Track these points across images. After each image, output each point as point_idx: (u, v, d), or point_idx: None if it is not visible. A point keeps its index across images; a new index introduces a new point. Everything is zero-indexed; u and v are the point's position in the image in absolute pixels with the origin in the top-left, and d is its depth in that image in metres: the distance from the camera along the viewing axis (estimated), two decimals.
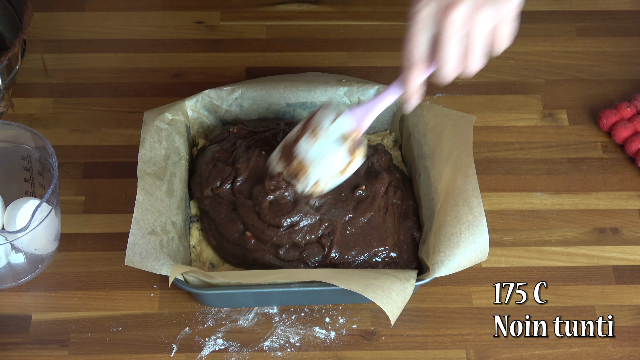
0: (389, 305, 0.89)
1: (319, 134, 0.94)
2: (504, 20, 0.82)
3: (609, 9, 1.28)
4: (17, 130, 0.99)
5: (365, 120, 0.94)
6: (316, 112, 0.96)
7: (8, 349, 0.95)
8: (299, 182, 0.97)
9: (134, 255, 0.93)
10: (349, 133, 0.94)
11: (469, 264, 0.94)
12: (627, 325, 0.98)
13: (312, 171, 0.95)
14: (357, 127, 0.94)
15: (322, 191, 0.97)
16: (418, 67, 0.85)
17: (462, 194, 0.97)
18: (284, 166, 0.97)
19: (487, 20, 0.81)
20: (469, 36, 0.82)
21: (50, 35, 1.22)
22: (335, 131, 0.94)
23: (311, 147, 0.95)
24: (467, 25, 0.81)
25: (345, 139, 0.94)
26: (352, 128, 0.94)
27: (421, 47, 0.84)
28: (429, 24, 0.82)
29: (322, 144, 0.94)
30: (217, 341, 0.96)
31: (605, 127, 1.13)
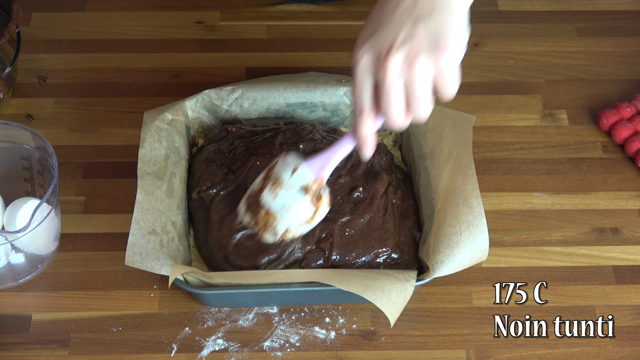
0: (389, 306, 0.89)
1: (281, 186, 0.93)
2: (444, 69, 0.79)
3: (609, 9, 1.28)
4: (17, 130, 0.99)
5: (325, 170, 0.92)
6: (276, 163, 0.95)
7: (8, 349, 0.95)
8: (267, 232, 0.95)
9: (134, 255, 0.93)
10: (309, 184, 0.93)
11: (469, 264, 0.94)
12: (627, 325, 0.98)
13: (280, 221, 0.94)
14: (318, 178, 0.92)
15: (294, 237, 0.95)
16: (367, 116, 0.83)
17: (462, 194, 0.97)
18: (251, 217, 0.95)
19: (424, 69, 0.79)
20: (408, 85, 0.80)
21: (50, 35, 1.22)
22: (296, 183, 0.93)
23: (274, 198, 0.94)
24: (404, 74, 0.79)
25: (307, 190, 0.93)
26: (312, 179, 0.93)
27: (366, 97, 0.82)
28: (369, 73, 0.81)
29: (284, 195, 0.93)
30: (217, 341, 0.96)
31: (605, 127, 1.13)
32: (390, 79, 0.79)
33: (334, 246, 0.97)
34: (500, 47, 1.23)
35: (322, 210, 0.94)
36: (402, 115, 0.81)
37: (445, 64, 0.79)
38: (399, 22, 0.80)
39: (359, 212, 0.99)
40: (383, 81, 0.80)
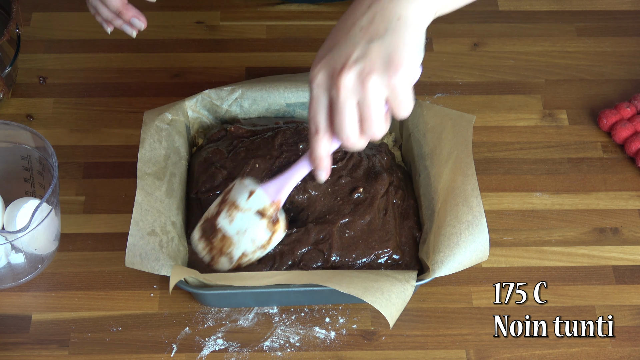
0: (388, 308, 0.89)
1: (237, 210, 0.93)
2: (397, 89, 0.78)
3: (609, 9, 1.28)
4: (17, 130, 0.99)
5: (281, 194, 0.92)
6: (232, 187, 0.95)
7: (8, 349, 0.95)
8: (223, 256, 0.94)
9: (133, 256, 0.93)
10: (266, 208, 0.93)
11: (469, 264, 0.94)
12: (627, 325, 0.98)
13: (236, 246, 0.94)
14: (274, 201, 0.92)
15: (250, 261, 0.95)
16: (321, 136, 0.82)
17: (462, 194, 0.97)
18: (205, 243, 0.95)
19: (377, 87, 0.78)
20: (361, 104, 0.79)
21: (50, 35, 1.22)
22: (252, 206, 0.93)
23: (231, 222, 0.93)
24: (357, 93, 0.78)
25: (263, 214, 0.93)
26: (268, 203, 0.93)
27: (321, 115, 0.81)
28: (323, 90, 0.81)
29: (241, 218, 0.93)
30: (217, 341, 0.96)
31: (605, 127, 1.13)
32: (343, 95, 0.78)
33: (333, 248, 0.97)
34: (500, 47, 1.23)
35: (278, 234, 0.93)
36: (356, 134, 0.81)
37: (398, 83, 0.78)
38: (354, 40, 0.79)
39: (359, 213, 0.99)
40: (336, 98, 0.79)
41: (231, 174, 1.02)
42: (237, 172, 1.01)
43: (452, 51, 1.22)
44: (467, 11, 1.26)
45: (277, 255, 0.96)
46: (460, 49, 1.22)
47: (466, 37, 1.23)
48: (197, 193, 1.01)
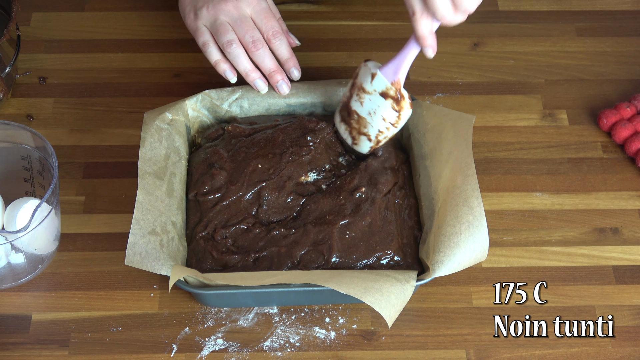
0: (387, 309, 0.89)
1: (365, 93, 1.01)
2: None
3: (609, 9, 1.28)
4: (17, 130, 0.99)
5: (399, 74, 0.99)
6: (359, 72, 1.02)
7: (8, 349, 0.95)
8: (362, 136, 1.03)
9: (134, 255, 0.93)
10: (387, 89, 1.00)
11: (468, 264, 0.94)
12: (627, 325, 0.98)
13: (371, 126, 1.02)
14: (394, 82, 0.99)
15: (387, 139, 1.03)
16: (419, 16, 0.92)
17: (462, 194, 0.97)
18: (345, 126, 1.04)
19: None
20: None
21: (50, 35, 1.22)
22: (376, 89, 1.00)
23: (362, 105, 1.02)
24: None
25: (387, 95, 1.00)
26: (388, 84, 0.99)
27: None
28: None
29: (369, 101, 1.01)
30: (217, 341, 0.96)
31: (605, 127, 1.13)
32: None
33: (333, 249, 0.96)
34: (500, 47, 1.23)
35: (405, 111, 1.01)
36: (451, 11, 0.91)
37: None
38: None
39: (360, 213, 0.99)
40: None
41: (231, 176, 1.02)
42: (237, 174, 1.02)
43: (452, 51, 1.22)
44: None
45: (274, 257, 0.96)
46: (460, 49, 1.22)
47: (466, 37, 1.23)
48: (196, 194, 1.01)
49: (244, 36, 1.04)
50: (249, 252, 0.97)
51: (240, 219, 0.99)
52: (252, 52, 1.04)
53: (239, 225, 0.99)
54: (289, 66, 1.06)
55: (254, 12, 1.05)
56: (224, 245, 0.97)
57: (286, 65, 1.06)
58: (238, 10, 1.04)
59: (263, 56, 1.04)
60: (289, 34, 1.08)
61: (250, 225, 0.99)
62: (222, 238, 0.98)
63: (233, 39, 1.04)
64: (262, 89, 1.06)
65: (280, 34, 1.05)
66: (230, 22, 1.04)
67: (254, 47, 1.04)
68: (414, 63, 1.20)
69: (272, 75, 1.05)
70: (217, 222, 0.99)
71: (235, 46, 1.04)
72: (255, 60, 1.05)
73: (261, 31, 1.05)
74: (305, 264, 0.96)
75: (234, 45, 1.03)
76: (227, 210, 1.00)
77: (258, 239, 0.98)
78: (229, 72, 1.06)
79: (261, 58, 1.04)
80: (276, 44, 1.05)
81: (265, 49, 1.05)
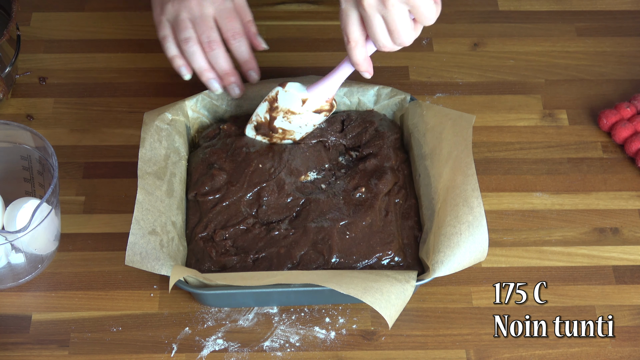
0: (387, 309, 0.89)
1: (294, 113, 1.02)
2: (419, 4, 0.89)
3: (609, 9, 1.28)
4: (17, 130, 0.99)
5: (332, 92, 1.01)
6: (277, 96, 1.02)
7: (8, 349, 0.95)
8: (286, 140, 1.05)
9: (134, 255, 0.93)
10: (322, 107, 1.02)
11: (468, 264, 0.94)
12: (627, 325, 0.98)
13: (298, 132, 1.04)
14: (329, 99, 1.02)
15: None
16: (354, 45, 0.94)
17: (462, 194, 0.96)
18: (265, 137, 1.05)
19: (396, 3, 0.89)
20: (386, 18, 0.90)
21: (50, 35, 1.22)
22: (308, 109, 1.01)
23: (290, 122, 1.02)
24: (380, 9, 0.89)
25: (320, 111, 1.02)
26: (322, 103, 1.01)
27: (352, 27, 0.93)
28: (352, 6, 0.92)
29: (299, 119, 1.02)
30: (217, 341, 0.96)
31: (605, 127, 1.13)
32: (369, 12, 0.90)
33: (333, 250, 0.96)
34: (500, 47, 1.23)
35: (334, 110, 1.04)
36: (389, 42, 0.93)
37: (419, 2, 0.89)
38: None
39: (360, 214, 0.99)
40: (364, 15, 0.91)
41: (231, 176, 1.02)
42: (237, 174, 1.02)
43: (452, 51, 1.22)
44: (467, 11, 1.26)
45: (274, 258, 0.96)
46: (460, 49, 1.22)
47: (466, 37, 1.23)
48: (195, 195, 1.01)
49: (201, 35, 1.03)
50: (248, 252, 0.97)
51: (240, 219, 0.99)
52: (207, 52, 1.03)
53: (238, 225, 0.99)
54: (247, 68, 1.06)
55: (217, 12, 1.05)
56: (223, 247, 0.97)
57: (244, 67, 1.06)
58: (200, 9, 1.04)
59: (217, 57, 1.03)
60: (257, 36, 1.07)
61: (250, 225, 0.99)
62: (222, 239, 0.98)
63: (190, 37, 1.03)
64: (216, 89, 1.05)
65: (239, 36, 1.04)
66: (192, 19, 1.03)
67: (209, 48, 1.03)
68: (415, 63, 1.21)
69: (225, 77, 1.04)
70: (217, 222, 0.99)
71: (192, 44, 1.03)
72: (210, 61, 1.04)
73: (222, 31, 1.04)
74: (305, 264, 0.96)
75: (190, 44, 1.03)
76: (227, 210, 1.00)
77: (257, 239, 0.98)
78: (184, 68, 1.05)
79: (215, 59, 1.04)
80: (235, 45, 1.04)
81: (221, 50, 1.03)
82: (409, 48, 1.21)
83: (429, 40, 1.22)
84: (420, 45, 1.22)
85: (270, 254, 0.97)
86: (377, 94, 1.09)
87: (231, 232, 0.98)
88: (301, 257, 0.97)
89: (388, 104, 1.09)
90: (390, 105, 1.09)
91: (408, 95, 1.08)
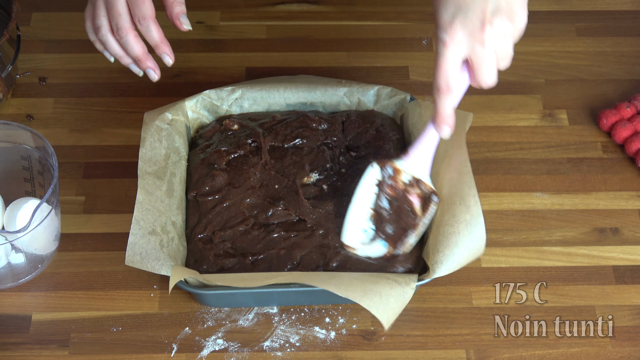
0: (385, 312, 0.89)
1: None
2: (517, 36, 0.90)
3: (609, 9, 1.28)
4: (17, 130, 0.99)
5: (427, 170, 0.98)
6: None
7: (8, 349, 0.95)
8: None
9: (134, 255, 0.93)
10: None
11: (467, 262, 0.94)
12: (627, 325, 0.98)
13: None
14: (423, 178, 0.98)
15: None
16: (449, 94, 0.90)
17: (459, 192, 0.96)
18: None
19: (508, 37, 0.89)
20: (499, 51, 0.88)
21: (50, 35, 1.22)
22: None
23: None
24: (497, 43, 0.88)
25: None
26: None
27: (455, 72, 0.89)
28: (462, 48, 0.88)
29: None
30: (217, 341, 0.96)
31: (605, 127, 1.13)
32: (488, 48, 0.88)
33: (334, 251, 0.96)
34: None
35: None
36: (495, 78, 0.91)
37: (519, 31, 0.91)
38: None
39: None
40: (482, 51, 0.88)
41: (232, 177, 1.02)
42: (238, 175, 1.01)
43: None
44: None
45: (274, 259, 0.96)
46: None
47: None
48: (195, 195, 1.01)
49: (110, 22, 1.00)
50: (246, 254, 0.97)
51: (240, 220, 0.99)
52: (118, 40, 1.01)
53: (238, 227, 0.98)
54: (159, 52, 1.00)
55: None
56: (222, 248, 0.97)
57: (156, 51, 1.01)
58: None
59: (127, 44, 0.99)
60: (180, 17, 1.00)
61: (250, 227, 0.99)
62: (221, 240, 0.98)
63: (101, 25, 0.99)
64: (137, 72, 1.02)
65: (146, 20, 0.98)
66: (106, 4, 1.00)
67: (117, 35, 0.99)
68: (415, 63, 1.21)
69: (139, 62, 1.00)
70: (216, 223, 0.99)
71: (104, 32, 0.99)
72: (123, 47, 1.01)
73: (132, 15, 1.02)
74: (305, 265, 0.96)
75: (102, 32, 1.00)
76: (227, 212, 0.99)
77: (257, 241, 0.98)
78: (106, 53, 1.02)
79: (125, 45, 0.99)
80: (142, 30, 0.99)
81: (130, 36, 0.98)
82: (409, 48, 1.22)
83: (429, 40, 1.22)
84: (420, 45, 1.22)
85: (269, 256, 0.96)
86: (377, 94, 1.09)
87: (230, 234, 0.98)
88: (302, 257, 0.96)
89: (388, 104, 1.09)
90: (390, 105, 1.09)
91: (408, 95, 1.08)
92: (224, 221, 0.99)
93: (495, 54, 0.88)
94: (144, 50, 0.99)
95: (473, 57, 0.88)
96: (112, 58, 1.01)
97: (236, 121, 1.06)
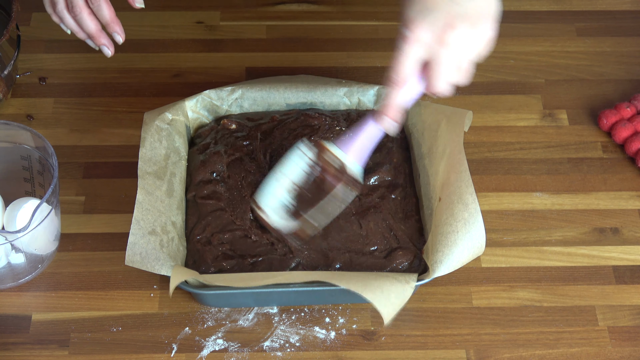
0: (386, 307, 0.89)
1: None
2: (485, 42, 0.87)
3: (609, 9, 1.28)
4: (17, 130, 0.99)
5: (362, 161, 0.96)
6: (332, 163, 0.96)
7: (8, 349, 0.95)
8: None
9: (134, 255, 0.93)
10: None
11: (467, 260, 0.94)
12: (627, 325, 0.98)
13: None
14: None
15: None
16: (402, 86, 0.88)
17: (457, 191, 0.96)
18: None
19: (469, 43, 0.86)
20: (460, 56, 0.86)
21: (50, 35, 1.22)
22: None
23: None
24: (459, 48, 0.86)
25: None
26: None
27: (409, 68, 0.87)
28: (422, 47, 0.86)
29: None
30: (217, 341, 0.96)
31: (605, 127, 1.13)
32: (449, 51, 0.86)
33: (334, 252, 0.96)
34: (500, 47, 1.22)
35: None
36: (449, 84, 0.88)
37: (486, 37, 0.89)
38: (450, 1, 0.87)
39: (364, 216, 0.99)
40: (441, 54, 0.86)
41: (232, 179, 1.01)
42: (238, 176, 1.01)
43: None
44: None
45: (274, 261, 0.96)
46: None
47: None
48: (195, 194, 1.01)
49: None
50: (246, 256, 0.97)
51: (239, 224, 0.99)
52: (73, 17, 1.02)
53: (236, 230, 0.98)
54: (110, 31, 1.01)
55: None
56: (221, 250, 0.97)
57: (107, 29, 1.02)
58: None
59: (82, 20, 1.01)
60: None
61: (248, 230, 0.98)
62: (219, 243, 0.97)
63: (58, 1, 1.02)
64: (93, 46, 1.02)
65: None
66: None
67: (71, 12, 1.01)
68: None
69: (94, 39, 1.02)
70: (215, 225, 0.99)
71: (60, 8, 1.01)
72: (78, 24, 1.02)
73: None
74: (305, 266, 0.96)
75: (58, 7, 1.01)
76: (226, 214, 0.99)
77: (256, 245, 0.97)
78: (62, 25, 1.03)
79: (80, 22, 1.01)
80: (94, 9, 1.00)
81: (84, 13, 1.00)
82: None
83: None
84: None
85: (269, 258, 0.96)
86: (377, 94, 1.09)
87: (229, 237, 0.98)
88: (302, 258, 0.96)
89: None
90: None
91: None
92: (223, 224, 0.99)
93: (454, 59, 0.86)
94: (98, 28, 1.00)
95: (432, 58, 0.86)
96: (68, 31, 1.02)
97: (234, 120, 1.06)
